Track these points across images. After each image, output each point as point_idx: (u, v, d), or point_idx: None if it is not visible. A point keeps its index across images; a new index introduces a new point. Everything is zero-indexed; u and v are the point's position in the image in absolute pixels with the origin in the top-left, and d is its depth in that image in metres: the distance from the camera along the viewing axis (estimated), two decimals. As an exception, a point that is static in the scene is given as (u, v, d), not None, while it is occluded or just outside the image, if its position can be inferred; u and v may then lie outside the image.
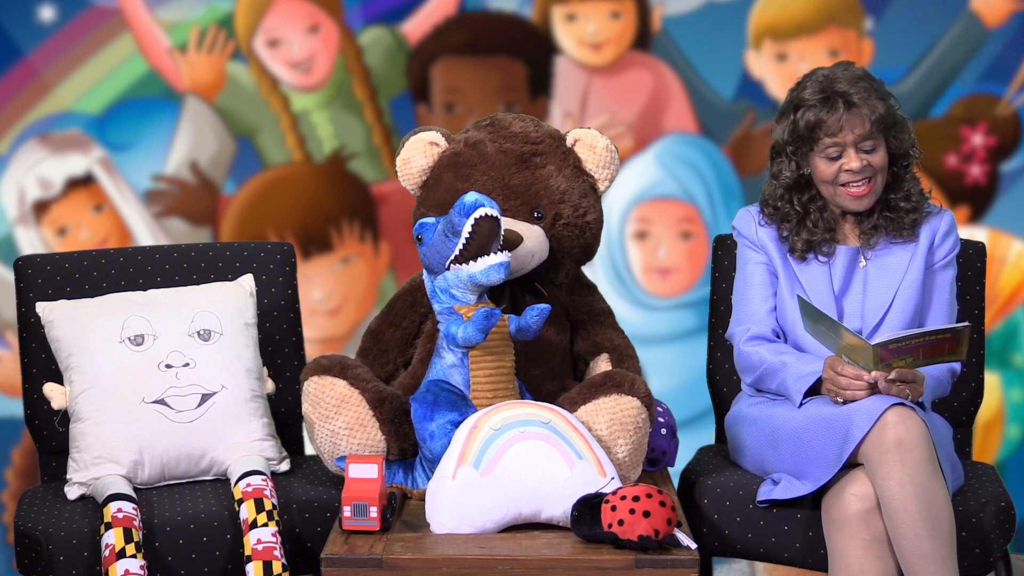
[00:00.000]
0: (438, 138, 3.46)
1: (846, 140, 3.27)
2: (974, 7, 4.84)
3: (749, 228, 3.44)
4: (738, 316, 3.45)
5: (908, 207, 3.36)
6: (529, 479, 3.02)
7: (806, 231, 3.37)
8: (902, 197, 3.35)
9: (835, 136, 3.27)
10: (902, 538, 3.03)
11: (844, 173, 3.29)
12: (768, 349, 3.35)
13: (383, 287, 4.94)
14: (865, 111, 3.26)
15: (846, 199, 3.32)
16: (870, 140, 3.27)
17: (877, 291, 3.35)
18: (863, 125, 3.27)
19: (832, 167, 3.30)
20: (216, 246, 3.66)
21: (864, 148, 3.28)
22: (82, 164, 4.87)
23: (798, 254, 3.37)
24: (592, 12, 4.91)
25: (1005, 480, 3.60)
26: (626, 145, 4.89)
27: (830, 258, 3.37)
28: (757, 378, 3.36)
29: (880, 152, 3.29)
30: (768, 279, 3.42)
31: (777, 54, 4.88)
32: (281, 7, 4.89)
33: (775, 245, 3.41)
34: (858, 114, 3.27)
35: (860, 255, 3.38)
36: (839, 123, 3.27)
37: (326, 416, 3.26)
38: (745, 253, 3.46)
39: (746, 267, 3.45)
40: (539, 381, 3.41)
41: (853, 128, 3.27)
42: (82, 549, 3.14)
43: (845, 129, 3.27)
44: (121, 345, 3.34)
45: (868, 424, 3.06)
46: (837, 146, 3.28)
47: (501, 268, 3.13)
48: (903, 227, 3.36)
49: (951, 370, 3.34)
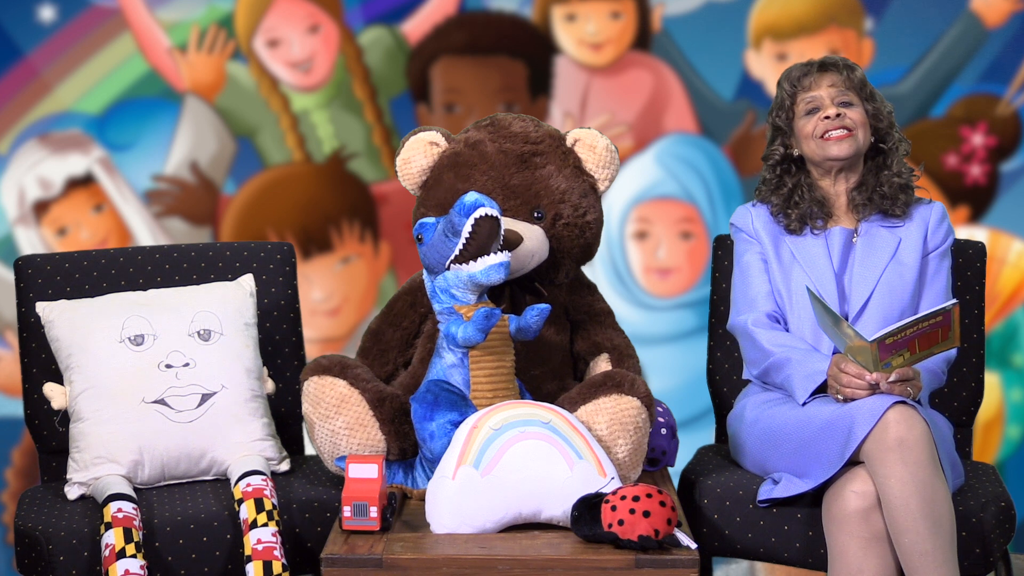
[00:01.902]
0: (438, 138, 3.46)
1: (821, 94, 3.42)
2: (974, 7, 4.84)
3: (745, 220, 3.51)
4: (738, 306, 3.48)
5: (900, 183, 3.44)
6: (529, 479, 3.02)
7: (795, 205, 3.45)
8: (893, 174, 3.44)
9: (810, 91, 3.44)
10: (903, 536, 3.03)
11: (822, 122, 3.41)
12: (771, 340, 3.35)
13: (383, 287, 4.94)
14: (838, 70, 3.44)
15: (829, 146, 3.41)
16: (845, 96, 3.42)
17: (865, 269, 3.40)
18: (836, 81, 3.43)
19: (811, 121, 3.43)
20: (216, 246, 3.66)
21: (840, 101, 3.41)
22: (82, 164, 4.87)
23: (794, 227, 3.44)
24: (592, 12, 4.91)
25: (1005, 480, 3.60)
26: (626, 145, 4.89)
27: (824, 232, 3.43)
28: (763, 370, 3.36)
29: (857, 110, 3.42)
30: (764, 267, 3.48)
31: (777, 54, 4.88)
32: (281, 7, 4.89)
33: (770, 234, 3.46)
34: (833, 73, 3.44)
35: (853, 234, 3.42)
36: (813, 79, 3.44)
37: (326, 416, 3.26)
38: (740, 246, 3.51)
39: (743, 258, 3.50)
40: (539, 381, 3.41)
41: (827, 84, 3.43)
42: (82, 549, 3.14)
43: (821, 84, 3.43)
44: (121, 345, 3.34)
45: (870, 423, 3.07)
46: (814, 100, 3.42)
47: (501, 268, 3.13)
48: (895, 205, 3.43)
49: (947, 359, 3.36)
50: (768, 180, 3.51)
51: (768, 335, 3.38)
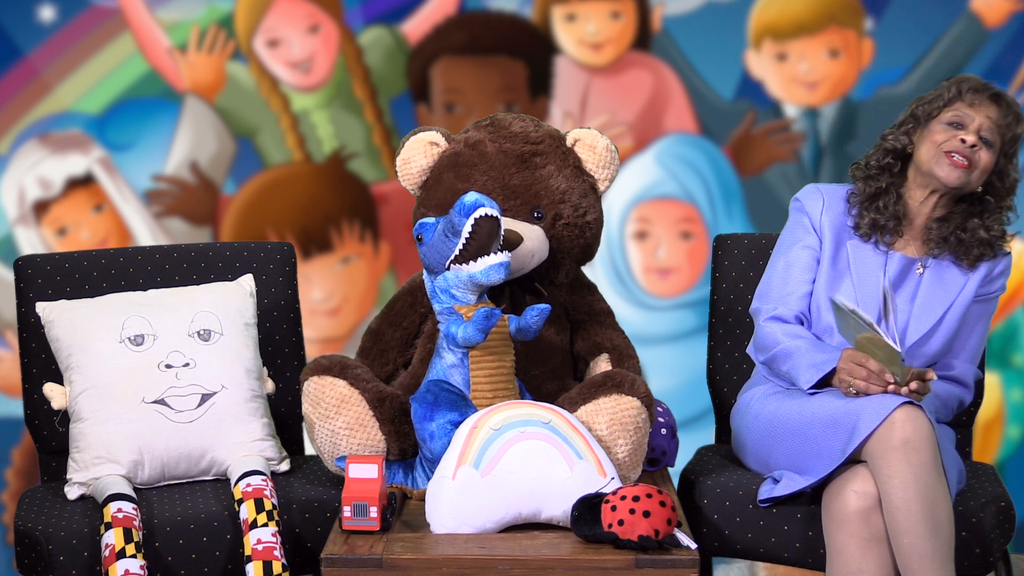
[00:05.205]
0: (438, 138, 3.46)
1: (975, 118, 3.32)
2: (974, 7, 4.84)
3: (814, 206, 3.44)
4: (769, 294, 3.43)
5: (985, 238, 3.36)
6: (529, 479, 3.02)
7: (875, 210, 3.38)
8: (983, 226, 3.36)
9: (969, 108, 3.33)
10: (902, 536, 3.03)
11: (954, 141, 3.30)
12: (786, 331, 3.34)
13: (383, 287, 4.94)
14: (1005, 111, 3.33)
15: (944, 165, 3.31)
16: (991, 135, 3.32)
17: (929, 302, 3.35)
18: (996, 116, 3.32)
19: (947, 133, 3.32)
20: (216, 246, 3.66)
21: (983, 136, 3.32)
22: (82, 164, 4.87)
23: (862, 231, 3.38)
24: (592, 12, 4.91)
25: (1005, 480, 3.60)
26: (626, 145, 4.89)
27: (890, 249, 3.37)
28: (771, 357, 3.35)
29: (991, 154, 3.32)
30: (812, 265, 3.41)
31: (777, 54, 4.88)
32: (281, 7, 4.89)
33: (834, 229, 3.40)
34: (999, 107, 3.33)
35: (918, 264, 3.38)
36: (980, 100, 3.33)
37: (326, 416, 3.26)
38: (797, 231, 3.44)
39: (793, 248, 3.43)
40: (539, 381, 3.41)
41: (986, 114, 3.32)
42: (82, 549, 3.14)
43: (982, 110, 3.32)
44: (121, 345, 3.34)
45: (876, 421, 3.06)
46: (964, 118, 3.32)
47: (501, 268, 3.13)
48: (969, 254, 3.36)
49: (961, 400, 3.37)
50: (870, 166, 3.40)
51: (784, 327, 3.36)
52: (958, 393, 3.38)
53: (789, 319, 3.37)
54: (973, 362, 3.42)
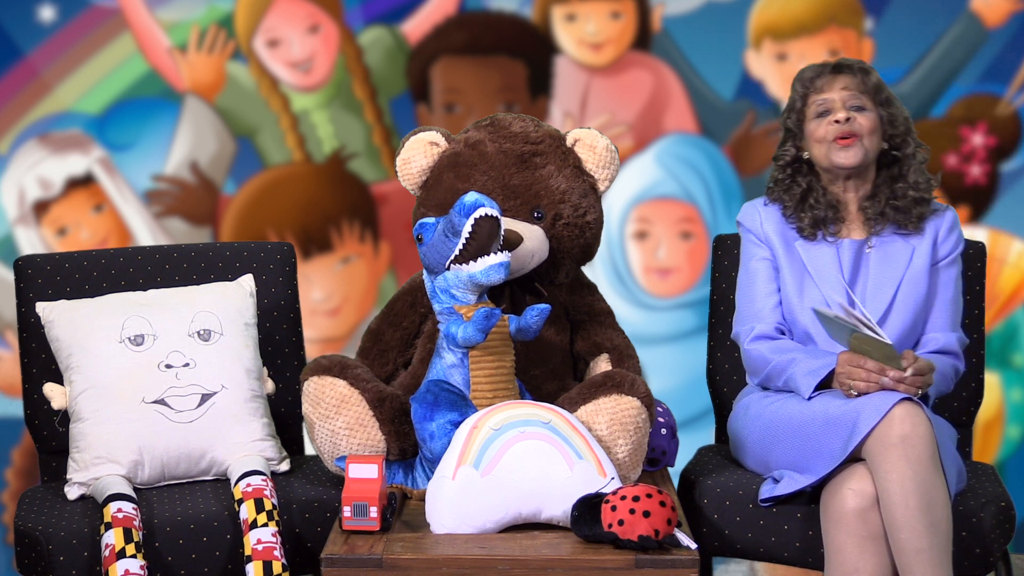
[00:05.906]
0: (438, 138, 3.46)
1: (833, 96, 3.36)
2: (974, 7, 4.84)
3: (754, 221, 3.47)
4: (742, 315, 3.45)
5: (915, 196, 3.38)
6: (529, 479, 3.02)
7: (809, 208, 3.40)
8: (909, 186, 3.39)
9: (822, 93, 3.38)
10: (899, 532, 3.03)
11: (831, 126, 3.35)
12: (772, 348, 3.35)
13: (383, 287, 4.94)
14: (852, 73, 3.38)
15: (837, 152, 3.35)
16: (858, 100, 3.36)
17: (880, 281, 3.37)
18: (848, 82, 3.37)
19: (821, 124, 3.37)
20: (216, 246, 3.66)
21: (852, 105, 3.35)
22: (82, 164, 4.87)
23: (807, 232, 3.40)
24: (592, 12, 4.91)
25: (1005, 480, 3.60)
26: (626, 145, 4.89)
27: (837, 238, 3.38)
28: (764, 377, 3.36)
29: (869, 115, 3.36)
30: (772, 275, 3.43)
31: (777, 54, 4.88)
32: (281, 7, 4.89)
33: (779, 235, 3.42)
34: (847, 75, 3.38)
35: (866, 244, 3.39)
36: (826, 81, 3.38)
37: (326, 416, 3.26)
38: (749, 248, 3.47)
39: (750, 263, 3.46)
40: (539, 381, 3.41)
41: (840, 87, 3.37)
42: (82, 549, 3.14)
43: (834, 86, 3.37)
44: (121, 345, 3.34)
45: (876, 418, 3.07)
46: (825, 103, 3.37)
47: (501, 268, 3.13)
48: (909, 218, 3.38)
49: (955, 368, 3.35)
50: (780, 180, 3.45)
51: (769, 344, 3.37)
52: (951, 363, 3.36)
53: (771, 334, 3.39)
54: (955, 329, 3.40)
